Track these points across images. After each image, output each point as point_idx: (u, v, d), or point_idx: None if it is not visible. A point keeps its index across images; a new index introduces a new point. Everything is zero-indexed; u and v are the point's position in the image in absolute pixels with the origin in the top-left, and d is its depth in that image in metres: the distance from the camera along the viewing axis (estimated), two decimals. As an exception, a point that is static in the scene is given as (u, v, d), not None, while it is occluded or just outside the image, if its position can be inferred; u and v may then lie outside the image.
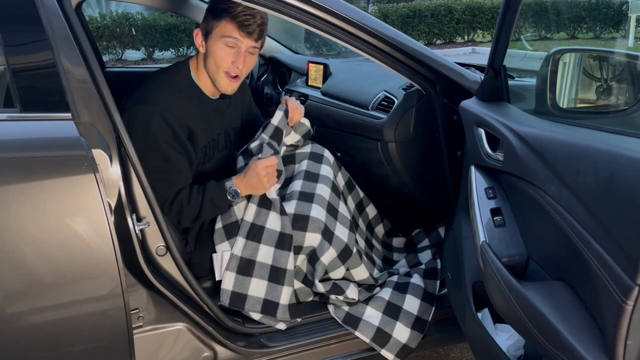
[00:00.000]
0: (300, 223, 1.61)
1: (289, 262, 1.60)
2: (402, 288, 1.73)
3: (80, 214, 1.15)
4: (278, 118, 1.73)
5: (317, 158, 1.81)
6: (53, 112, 1.20)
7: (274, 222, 1.60)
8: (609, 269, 0.94)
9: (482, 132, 1.39)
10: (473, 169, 1.41)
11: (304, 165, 1.77)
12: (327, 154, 1.84)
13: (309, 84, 2.38)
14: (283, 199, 1.67)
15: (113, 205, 1.25)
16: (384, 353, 1.61)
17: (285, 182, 1.77)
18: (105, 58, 8.88)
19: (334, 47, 4.35)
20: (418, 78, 1.66)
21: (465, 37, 12.13)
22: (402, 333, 1.62)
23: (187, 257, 1.64)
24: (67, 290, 1.16)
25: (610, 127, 1.16)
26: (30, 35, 1.22)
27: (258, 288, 1.59)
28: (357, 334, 1.62)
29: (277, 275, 1.59)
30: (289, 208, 1.63)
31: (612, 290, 0.93)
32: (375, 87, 2.00)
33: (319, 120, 2.17)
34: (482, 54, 10.41)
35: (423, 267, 1.88)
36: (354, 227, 1.83)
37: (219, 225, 1.65)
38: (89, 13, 8.80)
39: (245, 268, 1.59)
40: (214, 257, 1.63)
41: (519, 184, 1.25)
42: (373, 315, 1.65)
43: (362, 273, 1.72)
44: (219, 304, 1.56)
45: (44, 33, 1.20)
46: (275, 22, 1.66)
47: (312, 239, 1.61)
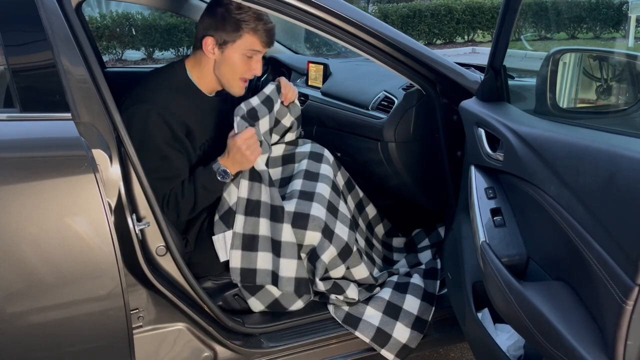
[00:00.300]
0: (301, 221, 1.61)
1: (284, 234, 1.60)
2: (402, 288, 1.73)
3: (80, 214, 1.15)
4: (270, 89, 1.75)
5: (316, 157, 1.81)
6: (53, 112, 1.20)
7: (266, 195, 1.62)
8: (609, 269, 0.94)
9: (482, 132, 1.39)
10: (473, 169, 1.41)
11: (304, 165, 1.78)
12: (326, 154, 1.84)
13: (309, 84, 2.38)
14: (283, 198, 1.67)
15: (113, 205, 1.25)
16: (384, 353, 1.61)
17: (286, 181, 1.77)
18: (105, 58, 8.88)
19: (334, 47, 4.35)
20: (418, 78, 1.66)
21: (465, 37, 12.13)
22: (402, 333, 1.62)
23: (187, 257, 1.64)
24: (67, 290, 1.16)
25: (610, 127, 1.16)
26: (30, 35, 1.22)
27: (265, 261, 1.61)
28: (357, 334, 1.62)
29: (276, 248, 1.61)
30: (289, 207, 1.63)
31: (612, 290, 0.93)
32: (375, 87, 2.00)
33: (319, 120, 2.17)
34: (482, 54, 10.40)
35: (423, 267, 1.88)
36: (354, 226, 1.84)
37: (217, 217, 1.65)
38: (89, 13, 8.81)
39: (250, 243, 1.61)
40: (215, 239, 1.63)
41: (519, 184, 1.25)
42: (373, 315, 1.65)
43: (362, 272, 1.72)
44: (219, 304, 1.56)
45: (44, 33, 1.20)
46: (275, 22, 1.66)
47: (312, 237, 1.61)
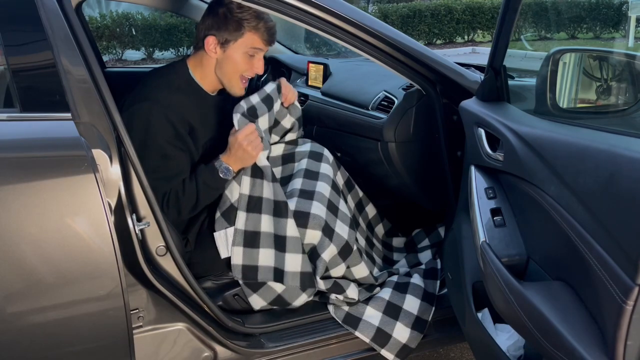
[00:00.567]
0: (301, 220, 1.61)
1: (288, 229, 1.59)
2: (402, 288, 1.73)
3: (80, 214, 1.15)
4: (270, 87, 1.76)
5: (316, 157, 1.81)
6: (53, 112, 1.20)
7: (268, 191, 1.61)
8: (609, 269, 0.94)
9: (482, 132, 1.39)
10: (473, 169, 1.41)
11: (304, 164, 1.78)
12: (326, 153, 1.84)
13: (309, 84, 2.38)
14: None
15: (113, 205, 1.25)
16: (384, 353, 1.61)
17: (286, 180, 1.77)
18: (105, 58, 8.88)
19: (334, 47, 4.35)
20: (418, 78, 1.66)
21: (465, 37, 12.12)
22: (402, 333, 1.62)
23: (187, 256, 1.64)
24: (67, 290, 1.16)
25: (610, 127, 1.16)
26: (30, 35, 1.22)
27: (267, 257, 1.61)
28: (357, 334, 1.62)
29: (280, 243, 1.60)
30: (290, 205, 1.62)
31: (612, 291, 0.93)
32: (375, 87, 2.00)
33: (319, 120, 2.17)
34: (482, 54, 10.40)
35: (423, 267, 1.88)
36: (354, 225, 1.84)
37: (218, 214, 1.65)
38: (89, 13, 8.80)
39: (251, 240, 1.61)
40: (216, 235, 1.63)
41: (519, 184, 1.25)
42: (373, 315, 1.65)
43: (362, 271, 1.72)
44: (219, 304, 1.55)
45: (44, 33, 1.20)
46: (275, 22, 1.66)
47: (312, 236, 1.61)
